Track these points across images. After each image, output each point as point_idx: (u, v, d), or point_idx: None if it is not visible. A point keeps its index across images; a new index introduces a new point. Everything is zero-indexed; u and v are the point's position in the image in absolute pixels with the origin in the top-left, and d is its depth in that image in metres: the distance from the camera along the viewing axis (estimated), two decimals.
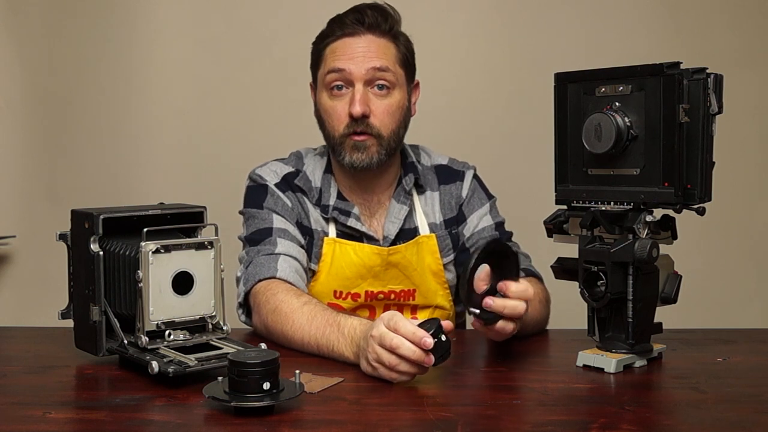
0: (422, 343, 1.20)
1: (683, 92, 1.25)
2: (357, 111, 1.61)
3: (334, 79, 1.64)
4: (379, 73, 1.63)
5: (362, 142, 1.63)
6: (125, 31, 2.42)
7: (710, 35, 2.41)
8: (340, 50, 1.64)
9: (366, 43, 1.64)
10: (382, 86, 1.64)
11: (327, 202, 1.71)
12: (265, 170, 1.74)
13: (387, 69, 1.63)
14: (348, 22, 1.65)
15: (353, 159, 1.64)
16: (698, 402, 1.17)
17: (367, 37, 1.64)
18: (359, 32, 1.64)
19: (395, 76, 1.65)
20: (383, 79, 1.63)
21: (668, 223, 1.36)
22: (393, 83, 1.65)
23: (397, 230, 1.71)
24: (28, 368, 1.35)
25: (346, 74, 1.62)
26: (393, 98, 1.65)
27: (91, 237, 1.32)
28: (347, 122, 1.63)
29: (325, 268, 1.68)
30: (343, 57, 1.63)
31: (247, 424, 1.06)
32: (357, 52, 1.63)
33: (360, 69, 1.62)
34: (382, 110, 1.64)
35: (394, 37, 1.67)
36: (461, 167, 1.82)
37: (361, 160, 1.64)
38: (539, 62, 2.37)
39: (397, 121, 1.67)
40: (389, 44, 1.66)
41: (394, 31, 1.67)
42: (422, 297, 1.72)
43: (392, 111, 1.65)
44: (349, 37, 1.64)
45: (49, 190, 2.46)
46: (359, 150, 1.63)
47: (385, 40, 1.65)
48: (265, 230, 1.64)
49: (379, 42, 1.65)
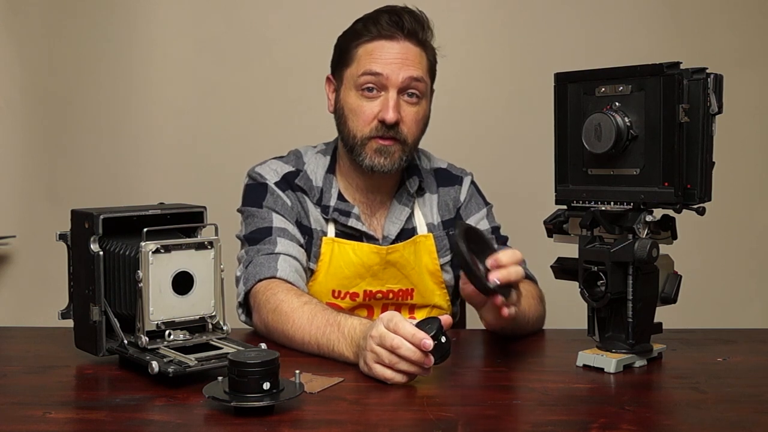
0: (422, 345, 1.19)
1: (683, 92, 1.25)
2: (391, 118, 1.60)
3: (367, 81, 1.62)
4: (414, 82, 1.63)
5: (388, 146, 1.63)
6: (125, 31, 2.43)
7: (710, 35, 2.41)
8: (377, 53, 1.62)
9: (404, 50, 1.63)
10: (413, 95, 1.64)
11: (328, 202, 1.71)
12: (264, 168, 1.74)
13: (421, 79, 1.64)
14: (384, 24, 1.63)
15: (375, 162, 1.64)
16: (698, 402, 1.17)
17: (405, 44, 1.63)
18: (397, 37, 1.63)
19: (426, 86, 1.66)
20: (416, 88, 1.63)
21: (668, 223, 1.36)
22: (423, 93, 1.65)
23: (398, 231, 1.71)
24: (28, 368, 1.35)
25: (382, 79, 1.61)
26: (421, 107, 1.66)
27: (91, 237, 1.32)
28: (374, 125, 1.62)
29: (324, 268, 1.68)
30: (381, 61, 1.62)
31: (247, 424, 1.06)
32: (395, 58, 1.62)
33: (398, 76, 1.61)
34: (411, 118, 1.64)
35: (427, 47, 1.68)
36: (460, 172, 1.83)
37: (382, 165, 1.64)
38: (539, 62, 2.37)
39: (422, 129, 1.68)
40: (423, 53, 1.66)
41: (428, 40, 1.67)
42: (420, 296, 1.73)
43: (419, 120, 1.66)
44: (387, 40, 1.62)
45: (49, 190, 2.46)
46: (383, 154, 1.63)
47: (420, 50, 1.65)
48: (265, 229, 1.64)
49: (415, 51, 1.64)
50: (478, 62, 2.46)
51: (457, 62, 2.43)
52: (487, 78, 2.46)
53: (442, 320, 1.23)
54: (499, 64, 2.45)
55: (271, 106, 2.43)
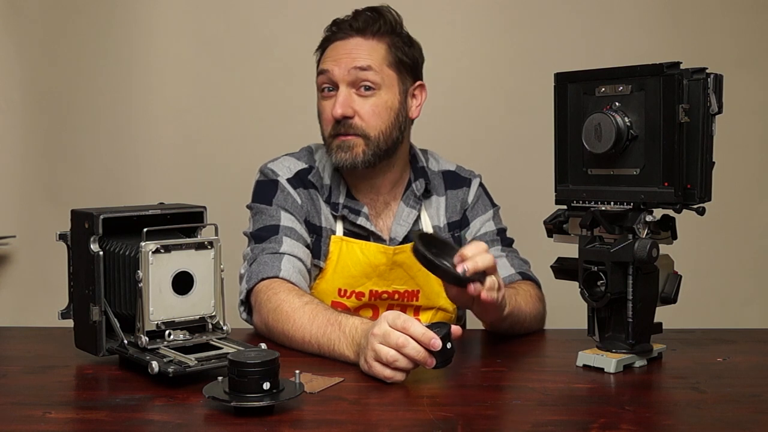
0: (431, 344, 1.20)
1: (683, 92, 1.25)
2: (337, 113, 1.63)
3: (322, 81, 1.68)
4: (362, 72, 1.63)
5: (347, 141, 1.64)
6: (125, 31, 2.42)
7: (710, 35, 2.41)
8: (329, 53, 1.68)
9: (353, 46, 1.66)
10: (368, 87, 1.64)
11: (337, 199, 1.71)
12: (277, 165, 1.74)
13: (369, 68, 1.64)
14: (344, 27, 1.68)
15: (338, 158, 1.65)
16: (698, 402, 1.17)
17: (355, 40, 1.66)
18: (349, 35, 1.67)
19: (381, 76, 1.65)
20: (366, 79, 1.64)
21: (668, 223, 1.36)
22: (378, 84, 1.65)
23: (405, 233, 1.71)
24: (28, 368, 1.35)
25: (330, 75, 1.65)
26: (379, 98, 1.65)
27: (91, 237, 1.32)
28: (333, 123, 1.65)
29: (332, 266, 1.68)
30: (329, 59, 1.67)
31: (247, 424, 1.06)
32: (342, 54, 1.65)
33: (342, 70, 1.64)
34: (367, 110, 1.64)
35: (385, 38, 1.67)
36: (468, 174, 1.83)
37: (344, 160, 1.65)
38: (539, 62, 2.37)
39: (386, 121, 1.66)
40: (377, 45, 1.66)
41: (382, 32, 1.67)
42: (425, 298, 1.72)
43: (378, 111, 1.65)
44: (340, 40, 1.67)
45: (49, 190, 2.46)
46: (343, 149, 1.65)
47: (374, 41, 1.66)
48: (272, 227, 1.64)
49: (366, 44, 1.66)
50: (478, 62, 2.45)
51: (458, 62, 2.44)
52: (487, 78, 2.45)
53: (452, 328, 1.23)
54: (499, 64, 2.45)
55: (271, 105, 2.43)
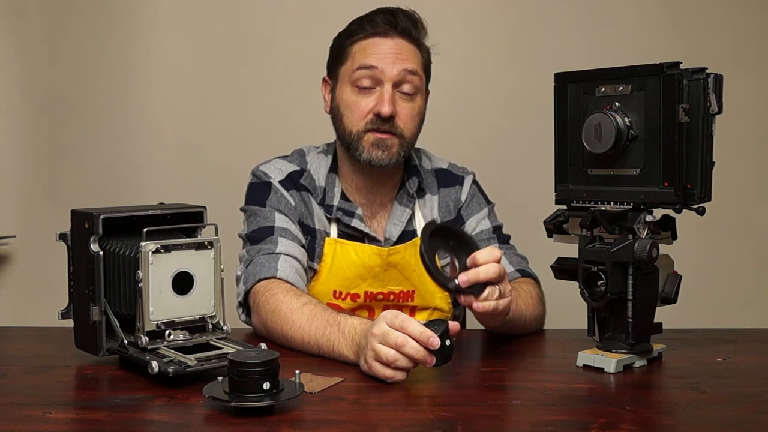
0: (429, 343, 1.20)
1: (683, 92, 1.25)
2: (387, 111, 1.61)
3: (363, 76, 1.64)
4: (409, 75, 1.64)
5: (386, 140, 1.64)
6: (125, 31, 2.42)
7: (710, 35, 2.41)
8: (372, 48, 1.65)
9: (398, 46, 1.65)
10: (408, 90, 1.65)
11: (331, 202, 1.71)
12: (269, 167, 1.74)
13: (416, 72, 1.65)
14: (379, 22, 1.66)
15: (372, 156, 1.64)
16: (698, 402, 1.17)
17: (399, 41, 1.65)
18: (391, 34, 1.65)
19: (421, 81, 1.67)
20: (411, 82, 1.65)
21: (668, 223, 1.36)
22: (418, 88, 1.66)
23: (399, 233, 1.71)
24: (28, 368, 1.35)
25: (377, 72, 1.63)
26: (416, 102, 1.67)
27: (91, 237, 1.32)
28: (369, 119, 1.64)
29: (326, 268, 1.68)
30: (375, 55, 1.64)
31: (247, 424, 1.06)
32: (389, 52, 1.64)
33: (392, 69, 1.63)
34: (407, 113, 1.65)
35: (422, 44, 1.70)
36: (461, 172, 1.83)
37: (380, 158, 1.64)
38: (539, 62, 2.37)
39: (418, 125, 1.69)
40: (417, 50, 1.68)
41: (420, 37, 1.69)
42: (421, 298, 1.72)
43: (414, 115, 1.67)
44: (381, 37, 1.65)
45: (49, 190, 2.46)
46: (380, 148, 1.64)
47: (414, 46, 1.67)
48: (267, 228, 1.64)
49: (409, 47, 1.66)
50: (478, 62, 2.45)
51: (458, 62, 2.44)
52: (487, 78, 2.45)
53: (450, 325, 1.23)
54: (499, 64, 2.45)
55: (271, 106, 2.43)
